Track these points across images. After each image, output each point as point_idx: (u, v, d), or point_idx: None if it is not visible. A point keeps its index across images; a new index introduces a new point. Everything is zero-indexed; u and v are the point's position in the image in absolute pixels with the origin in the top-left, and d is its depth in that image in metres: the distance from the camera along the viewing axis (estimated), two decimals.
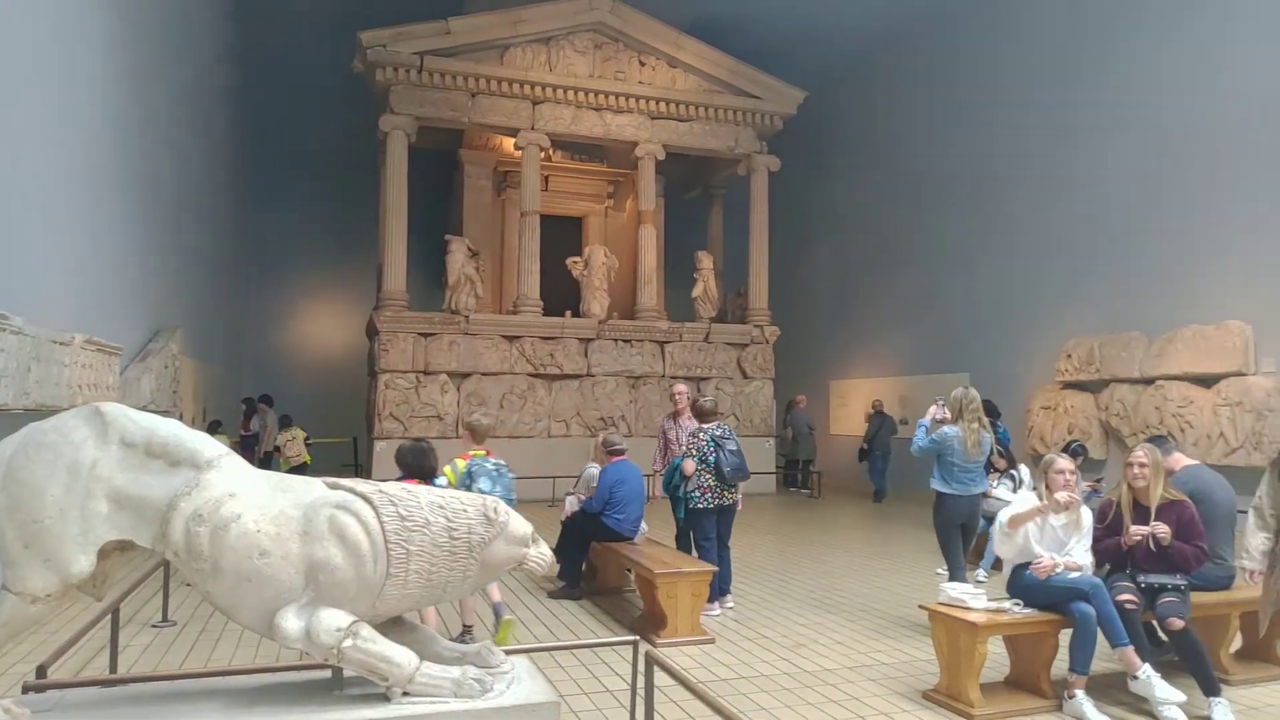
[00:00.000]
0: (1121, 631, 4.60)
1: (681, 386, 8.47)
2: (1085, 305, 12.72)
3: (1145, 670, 4.53)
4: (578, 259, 15.76)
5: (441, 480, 5.54)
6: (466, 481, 5.85)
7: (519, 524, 3.05)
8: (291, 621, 2.76)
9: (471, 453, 6.26)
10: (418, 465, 5.37)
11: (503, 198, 17.36)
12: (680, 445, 7.76)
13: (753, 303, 16.75)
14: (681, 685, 3.51)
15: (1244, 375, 10.36)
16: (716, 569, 6.63)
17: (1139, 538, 4.86)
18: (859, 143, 18.57)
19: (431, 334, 14.36)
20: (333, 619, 2.77)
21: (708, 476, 6.84)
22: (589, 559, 7.61)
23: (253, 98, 18.75)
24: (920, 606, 5.19)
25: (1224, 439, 10.42)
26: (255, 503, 2.85)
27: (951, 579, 6.33)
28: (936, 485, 6.43)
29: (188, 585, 4.72)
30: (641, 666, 3.81)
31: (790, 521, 12.64)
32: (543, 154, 15.77)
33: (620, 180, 17.92)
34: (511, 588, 7.55)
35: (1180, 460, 5.71)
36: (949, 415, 6.45)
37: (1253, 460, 10.07)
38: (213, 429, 12.31)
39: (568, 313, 15.37)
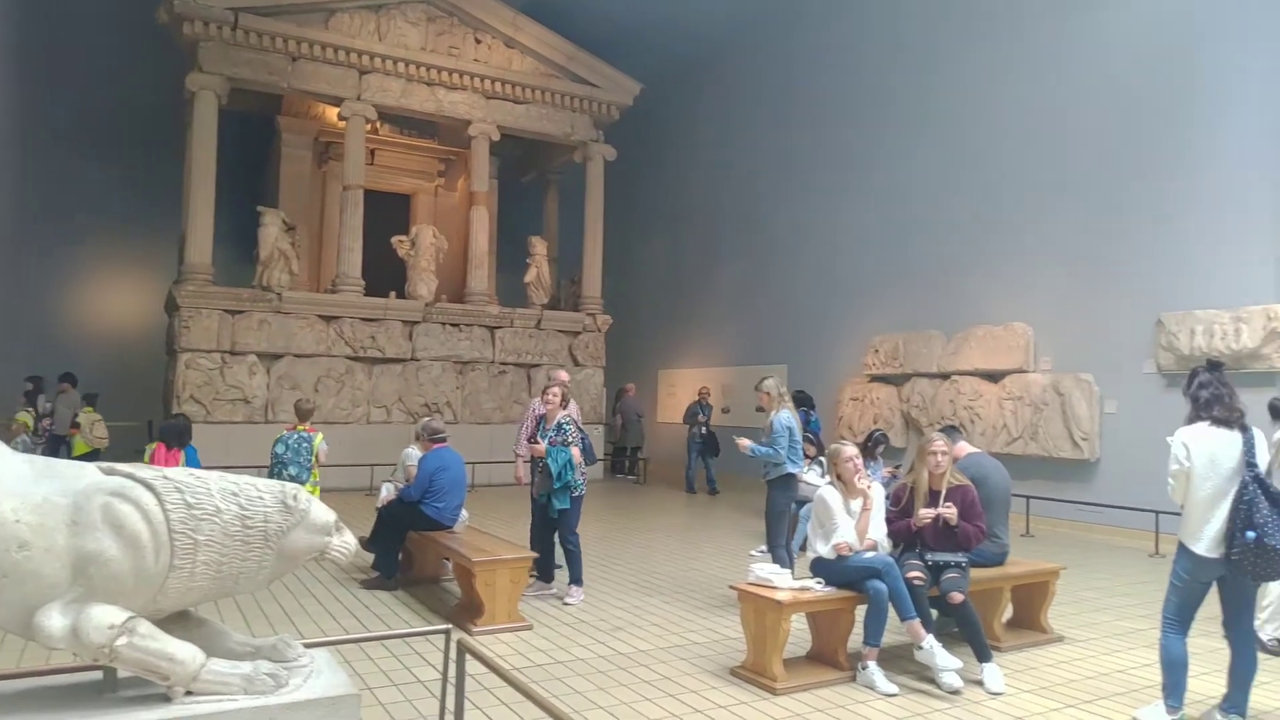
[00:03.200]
0: (910, 606, 4.96)
1: (564, 374, 7.96)
2: (892, 304, 13.62)
3: (929, 640, 4.91)
4: (404, 238, 15.23)
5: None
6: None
7: (320, 512, 2.93)
8: (54, 619, 2.52)
9: (296, 427, 7.87)
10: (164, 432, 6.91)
11: (324, 170, 16.53)
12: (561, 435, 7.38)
13: (586, 290, 16.81)
14: (493, 672, 3.48)
15: (1025, 372, 11.43)
16: (538, 554, 6.77)
17: (928, 519, 5.25)
18: (692, 139, 19.03)
19: (240, 311, 13.48)
20: (104, 615, 2.55)
21: (582, 464, 6.90)
22: (405, 548, 7.40)
23: (41, 45, 16.90)
24: (731, 586, 5.39)
25: (1007, 429, 11.45)
26: (14, 490, 2.58)
27: (776, 558, 6.63)
28: (790, 468, 6.76)
29: None
30: (453, 655, 3.75)
31: (616, 507, 12.81)
32: (369, 126, 15.15)
33: (452, 159, 17.48)
34: (321, 579, 7.25)
35: (964, 448, 6.22)
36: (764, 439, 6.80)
37: (1029, 449, 11.14)
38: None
39: (392, 294, 14.84)
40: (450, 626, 4.17)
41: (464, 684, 3.72)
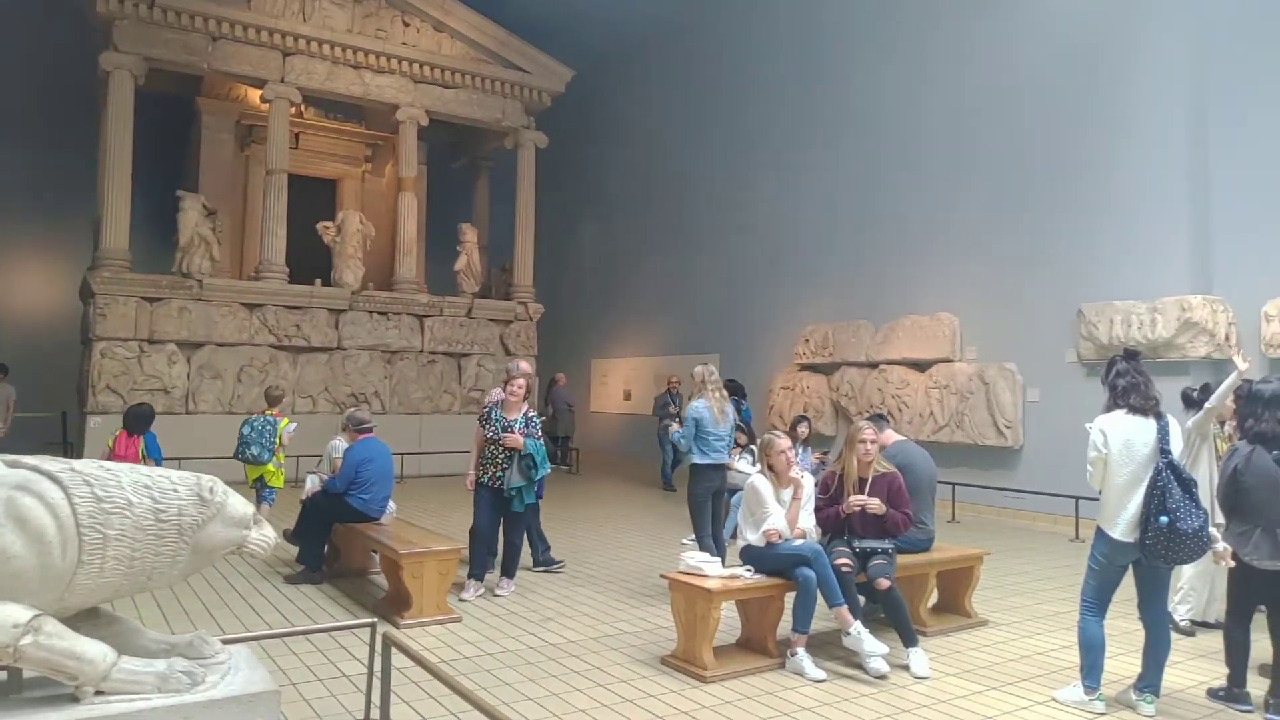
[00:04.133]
0: (838, 593, 5.02)
1: (526, 365, 7.28)
2: (822, 295, 13.81)
3: (856, 626, 4.99)
4: (329, 224, 14.84)
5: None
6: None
7: (238, 504, 2.82)
8: None
9: (264, 412, 8.48)
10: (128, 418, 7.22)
11: (246, 154, 16.00)
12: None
13: (517, 279, 16.63)
14: (419, 665, 3.41)
15: (951, 361, 11.70)
16: (481, 550, 6.73)
17: (856, 508, 5.33)
18: (625, 128, 18.98)
19: (159, 299, 12.98)
20: (7, 614, 2.41)
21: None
22: (331, 541, 7.22)
23: None
24: (662, 575, 5.39)
25: (933, 417, 11.72)
26: None
27: (702, 547, 6.66)
28: (695, 459, 6.80)
29: None
30: (379, 648, 3.67)
31: (547, 497, 12.67)
32: (293, 109, 14.72)
33: (380, 143, 17.11)
34: (245, 573, 7.03)
35: (891, 436, 6.33)
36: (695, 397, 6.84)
37: (955, 437, 11.42)
38: None
39: (317, 281, 14.46)
40: (375, 620, 4.07)
41: (390, 678, 3.65)
